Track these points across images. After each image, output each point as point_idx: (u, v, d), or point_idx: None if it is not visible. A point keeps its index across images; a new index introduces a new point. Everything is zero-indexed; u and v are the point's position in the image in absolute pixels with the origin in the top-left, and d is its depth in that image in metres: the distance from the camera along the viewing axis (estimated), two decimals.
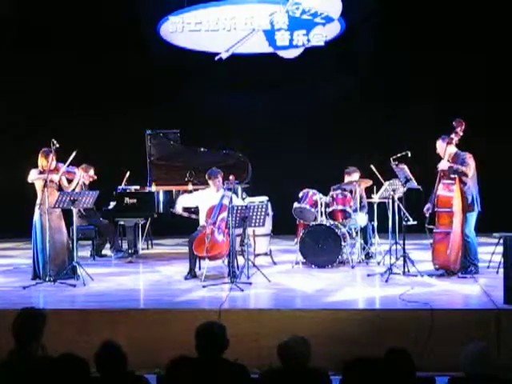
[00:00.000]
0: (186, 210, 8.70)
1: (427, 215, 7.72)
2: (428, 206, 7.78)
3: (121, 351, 3.89)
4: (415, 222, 8.01)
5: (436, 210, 7.62)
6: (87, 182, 9.67)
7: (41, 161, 7.85)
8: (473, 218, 7.67)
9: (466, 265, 7.70)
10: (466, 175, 7.56)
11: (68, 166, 7.92)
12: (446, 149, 7.63)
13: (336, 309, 6.37)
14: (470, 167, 7.58)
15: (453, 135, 7.62)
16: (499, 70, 11.36)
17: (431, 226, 7.70)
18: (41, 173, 7.82)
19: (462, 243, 7.62)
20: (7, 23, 11.86)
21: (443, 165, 7.60)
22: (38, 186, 7.83)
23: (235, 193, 8.57)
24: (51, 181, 7.77)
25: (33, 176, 7.83)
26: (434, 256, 7.69)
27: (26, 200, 8.24)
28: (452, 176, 7.59)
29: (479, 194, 7.72)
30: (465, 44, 11.27)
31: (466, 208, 7.61)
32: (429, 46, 11.41)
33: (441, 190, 7.60)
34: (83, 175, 9.35)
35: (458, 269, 7.67)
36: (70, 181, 8.13)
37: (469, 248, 7.68)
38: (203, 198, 8.30)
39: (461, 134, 7.62)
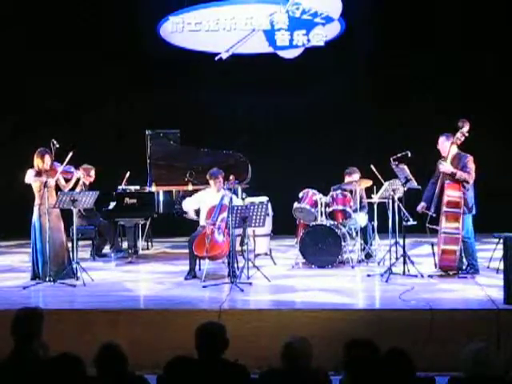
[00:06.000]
0: (197, 213, 8.57)
1: (421, 213, 7.69)
2: (423, 204, 7.76)
3: (121, 352, 3.88)
4: (415, 222, 8.00)
5: (445, 210, 7.50)
6: (87, 183, 9.66)
7: (36, 161, 7.83)
8: (470, 219, 7.65)
9: (466, 265, 7.69)
10: (467, 182, 7.52)
11: (65, 165, 7.91)
12: (449, 149, 7.59)
13: (336, 309, 6.38)
14: (472, 174, 7.50)
15: (458, 135, 7.55)
16: (500, 68, 11.35)
17: (433, 226, 7.67)
18: (37, 173, 7.81)
19: (462, 244, 7.61)
20: (10, 24, 11.85)
21: (446, 168, 7.54)
22: (36, 187, 7.82)
23: (235, 193, 8.57)
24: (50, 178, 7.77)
25: (29, 178, 7.82)
26: (441, 257, 7.60)
27: (26, 200, 8.23)
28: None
29: (474, 196, 7.68)
30: (465, 42, 11.27)
31: (466, 209, 7.57)
32: (429, 45, 11.40)
33: (448, 190, 7.51)
34: (84, 175, 9.34)
35: (458, 269, 7.67)
36: (67, 180, 8.12)
37: (469, 249, 7.66)
38: (204, 199, 8.30)
39: (466, 134, 7.55)
